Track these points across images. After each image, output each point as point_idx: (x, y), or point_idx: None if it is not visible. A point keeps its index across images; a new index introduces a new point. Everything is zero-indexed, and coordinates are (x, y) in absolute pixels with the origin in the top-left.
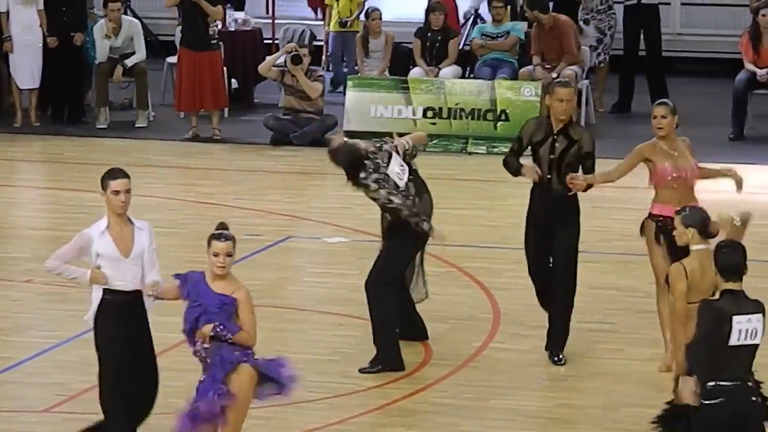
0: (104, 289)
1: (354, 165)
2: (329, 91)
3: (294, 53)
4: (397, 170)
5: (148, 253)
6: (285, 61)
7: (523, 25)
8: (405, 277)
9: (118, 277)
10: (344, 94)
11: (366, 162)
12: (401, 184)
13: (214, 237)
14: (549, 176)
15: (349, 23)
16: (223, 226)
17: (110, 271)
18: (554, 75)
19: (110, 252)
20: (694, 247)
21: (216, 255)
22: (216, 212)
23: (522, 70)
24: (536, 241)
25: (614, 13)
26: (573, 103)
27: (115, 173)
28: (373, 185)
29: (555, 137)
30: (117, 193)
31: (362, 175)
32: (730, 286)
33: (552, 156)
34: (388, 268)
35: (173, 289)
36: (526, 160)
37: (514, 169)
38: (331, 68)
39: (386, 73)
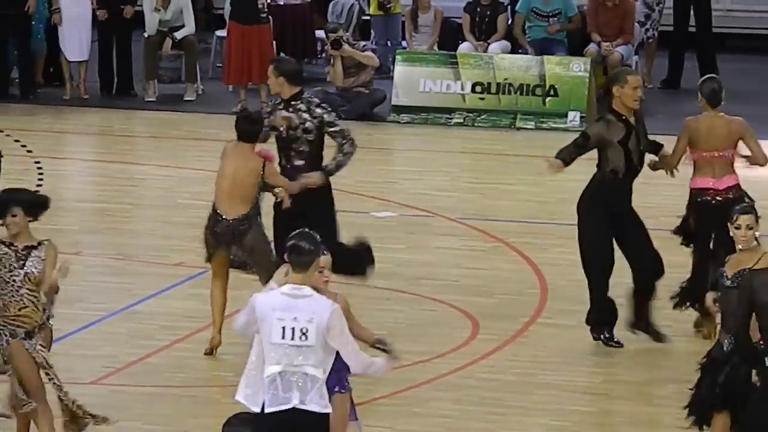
0: None
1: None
2: (375, 77)
3: (333, 38)
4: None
5: None
6: (326, 49)
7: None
8: None
9: None
10: (393, 69)
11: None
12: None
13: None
14: (638, 167)
15: (391, 6)
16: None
17: None
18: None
19: None
20: None
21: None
22: None
23: (589, 49)
24: (605, 228)
25: None
26: None
27: None
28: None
29: (634, 128)
30: None
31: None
32: None
33: (641, 147)
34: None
35: None
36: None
37: (568, 160)
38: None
39: (435, 47)
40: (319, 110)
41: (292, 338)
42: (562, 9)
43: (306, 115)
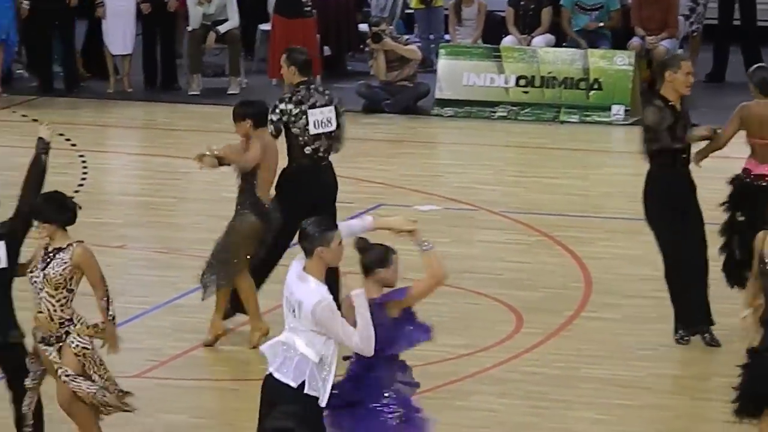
0: None
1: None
2: (419, 70)
3: (374, 32)
4: (318, 117)
5: None
6: (368, 44)
7: None
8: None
9: None
10: (436, 62)
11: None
12: (312, 129)
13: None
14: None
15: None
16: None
17: None
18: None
19: None
20: None
21: None
22: None
23: (633, 42)
24: (679, 223)
25: None
26: None
27: None
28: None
29: (680, 115)
30: None
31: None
32: None
33: (689, 133)
34: None
35: None
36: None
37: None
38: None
39: (479, 41)
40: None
41: (291, 312)
42: (604, 2)
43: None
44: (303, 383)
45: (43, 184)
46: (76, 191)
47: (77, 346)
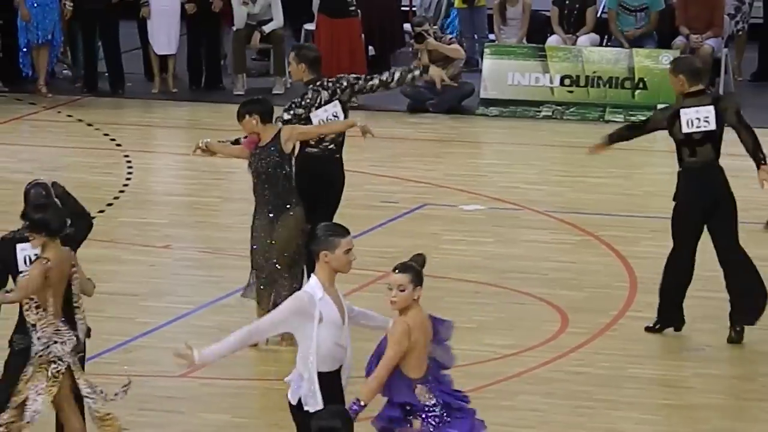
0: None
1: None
2: (463, 70)
3: (417, 32)
4: (322, 116)
5: None
6: (412, 44)
7: None
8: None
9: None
10: (481, 62)
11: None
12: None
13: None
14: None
15: None
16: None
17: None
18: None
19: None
20: None
21: (390, 288)
22: (353, 179)
23: (677, 41)
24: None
25: None
26: None
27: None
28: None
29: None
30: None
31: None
32: None
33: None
34: None
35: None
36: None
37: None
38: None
39: (524, 40)
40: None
41: None
42: (649, 4)
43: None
44: (299, 400)
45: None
46: (122, 191)
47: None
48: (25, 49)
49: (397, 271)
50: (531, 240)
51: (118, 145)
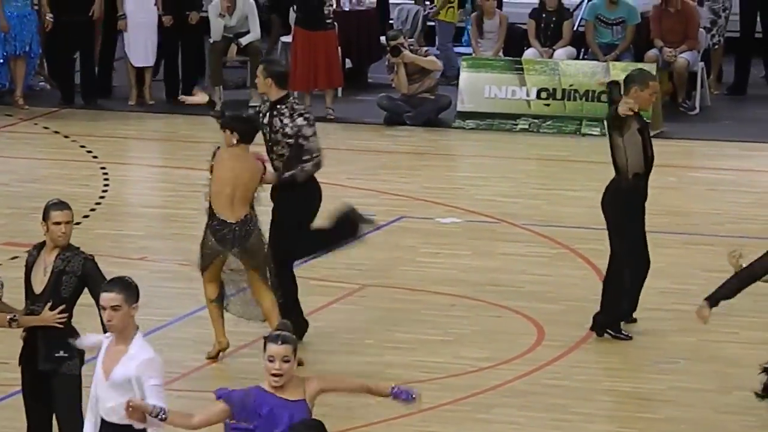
0: None
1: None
2: (440, 82)
3: (393, 45)
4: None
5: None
6: (387, 57)
7: (638, 9)
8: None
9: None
10: (458, 75)
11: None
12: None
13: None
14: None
15: (431, 14)
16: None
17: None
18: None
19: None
20: None
21: (271, 360)
22: (329, 192)
23: (649, 53)
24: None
25: None
26: None
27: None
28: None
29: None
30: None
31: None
32: None
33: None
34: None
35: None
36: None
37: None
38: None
39: (500, 53)
40: (300, 120)
41: None
42: (625, 17)
43: (287, 121)
44: None
45: None
46: (98, 203)
47: None
48: (2, 61)
49: (280, 342)
50: (507, 253)
51: (95, 157)
